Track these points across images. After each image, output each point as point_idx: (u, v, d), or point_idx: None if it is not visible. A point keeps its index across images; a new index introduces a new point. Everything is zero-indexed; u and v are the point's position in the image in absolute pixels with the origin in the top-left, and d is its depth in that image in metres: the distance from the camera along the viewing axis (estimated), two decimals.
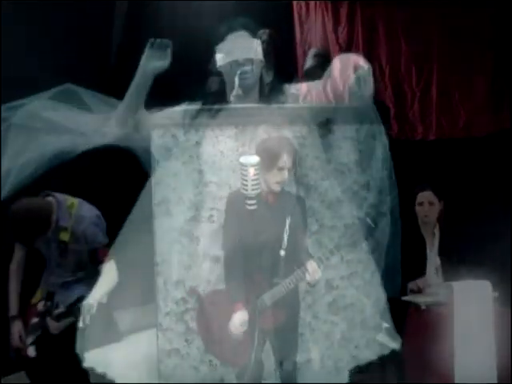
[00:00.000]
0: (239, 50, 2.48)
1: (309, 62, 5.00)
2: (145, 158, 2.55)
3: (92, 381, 3.28)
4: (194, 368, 2.53)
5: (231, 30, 2.51)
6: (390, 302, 3.51)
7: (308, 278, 2.38)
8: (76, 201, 3.17)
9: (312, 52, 5.07)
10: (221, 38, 2.52)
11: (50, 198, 3.15)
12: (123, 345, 2.76)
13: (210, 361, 2.50)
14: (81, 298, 3.00)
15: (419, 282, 3.43)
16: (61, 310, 3.09)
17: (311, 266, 2.37)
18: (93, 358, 2.97)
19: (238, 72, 2.48)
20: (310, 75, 5.23)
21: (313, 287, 2.47)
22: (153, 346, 2.57)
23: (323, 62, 5.09)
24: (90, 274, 3.06)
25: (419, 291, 3.43)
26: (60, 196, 3.19)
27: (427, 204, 3.61)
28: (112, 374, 2.67)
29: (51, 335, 3.10)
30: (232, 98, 2.52)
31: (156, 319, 2.57)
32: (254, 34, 2.52)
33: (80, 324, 2.98)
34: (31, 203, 3.07)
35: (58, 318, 3.06)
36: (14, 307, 3.23)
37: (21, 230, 3.05)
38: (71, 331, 3.05)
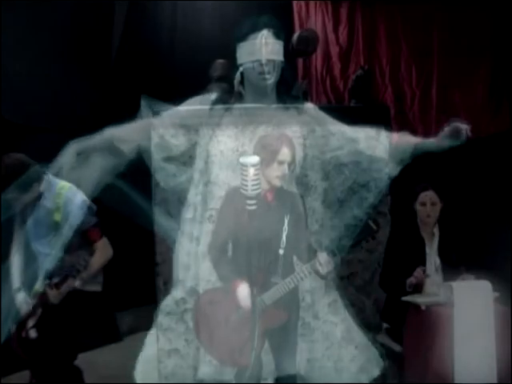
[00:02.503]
0: (263, 51, 2.48)
1: (296, 45, 5.05)
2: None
3: (90, 380, 3.29)
4: (193, 368, 2.53)
5: (255, 28, 2.51)
6: (390, 301, 3.53)
7: (320, 269, 2.36)
8: (68, 184, 3.20)
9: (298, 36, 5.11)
10: (244, 36, 2.51)
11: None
12: (123, 345, 2.76)
13: (210, 361, 2.50)
14: (75, 265, 3.05)
15: (417, 272, 3.41)
16: (58, 278, 3.10)
17: (323, 257, 2.37)
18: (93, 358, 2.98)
19: (238, 74, 2.50)
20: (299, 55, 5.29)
21: (325, 279, 2.46)
22: (153, 346, 2.57)
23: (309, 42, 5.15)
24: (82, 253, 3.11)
25: (418, 284, 3.41)
26: (53, 178, 3.21)
27: (430, 204, 3.59)
28: (112, 374, 2.68)
29: (51, 316, 3.11)
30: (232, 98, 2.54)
31: (156, 319, 2.57)
32: (278, 34, 2.52)
33: (76, 284, 3.02)
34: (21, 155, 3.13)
35: (57, 285, 3.08)
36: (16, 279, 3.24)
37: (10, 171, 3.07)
38: (70, 312, 3.08)
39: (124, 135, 2.55)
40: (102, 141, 2.52)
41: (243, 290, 2.34)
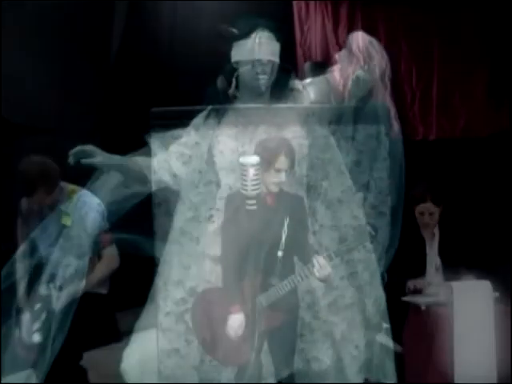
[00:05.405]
0: (263, 51, 2.49)
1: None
2: None
3: (91, 380, 3.29)
4: (193, 368, 2.53)
5: (255, 28, 2.50)
6: (390, 302, 3.53)
7: (317, 273, 2.34)
8: (77, 187, 3.20)
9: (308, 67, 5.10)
10: (243, 34, 2.51)
11: None
12: (123, 345, 2.75)
13: (210, 361, 2.50)
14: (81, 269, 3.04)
15: (417, 282, 3.43)
16: (62, 280, 3.09)
17: (319, 261, 2.33)
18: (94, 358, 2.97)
19: (236, 74, 2.50)
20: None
21: (325, 283, 2.44)
22: (153, 346, 2.57)
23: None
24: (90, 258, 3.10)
25: (416, 291, 3.42)
26: (62, 182, 3.22)
27: (428, 214, 3.62)
28: (113, 374, 2.67)
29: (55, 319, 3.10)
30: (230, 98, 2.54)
31: (156, 319, 2.57)
32: (277, 37, 2.53)
33: (80, 288, 3.00)
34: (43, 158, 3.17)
35: (60, 288, 3.07)
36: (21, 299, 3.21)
37: (31, 176, 3.10)
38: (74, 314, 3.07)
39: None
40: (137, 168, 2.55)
41: (237, 320, 2.35)
